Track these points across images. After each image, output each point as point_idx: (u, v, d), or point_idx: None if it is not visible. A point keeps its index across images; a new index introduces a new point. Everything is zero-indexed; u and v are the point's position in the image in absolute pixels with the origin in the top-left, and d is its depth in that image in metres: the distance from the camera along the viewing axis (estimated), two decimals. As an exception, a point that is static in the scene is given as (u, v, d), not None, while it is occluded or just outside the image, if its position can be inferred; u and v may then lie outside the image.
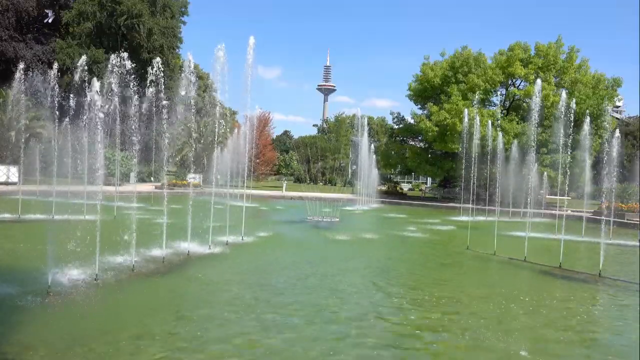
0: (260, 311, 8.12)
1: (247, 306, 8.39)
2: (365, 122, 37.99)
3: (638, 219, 24.71)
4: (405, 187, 60.19)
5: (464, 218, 23.47)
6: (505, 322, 8.24)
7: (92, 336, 6.62)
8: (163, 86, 12.34)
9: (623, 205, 26.86)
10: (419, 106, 42.55)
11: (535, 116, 15.72)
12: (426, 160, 41.86)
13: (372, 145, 38.05)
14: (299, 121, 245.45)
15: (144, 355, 6.12)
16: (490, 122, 30.61)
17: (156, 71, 12.01)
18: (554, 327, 8.02)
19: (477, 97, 32.73)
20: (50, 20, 46.95)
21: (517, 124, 35.76)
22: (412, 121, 42.78)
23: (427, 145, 42.68)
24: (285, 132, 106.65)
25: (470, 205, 20.92)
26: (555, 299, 9.98)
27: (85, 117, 10.69)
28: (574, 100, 20.89)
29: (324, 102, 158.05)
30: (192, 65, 13.76)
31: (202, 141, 45.37)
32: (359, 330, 7.40)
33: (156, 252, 11.71)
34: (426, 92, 40.62)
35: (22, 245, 13.02)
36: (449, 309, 8.78)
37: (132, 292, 8.97)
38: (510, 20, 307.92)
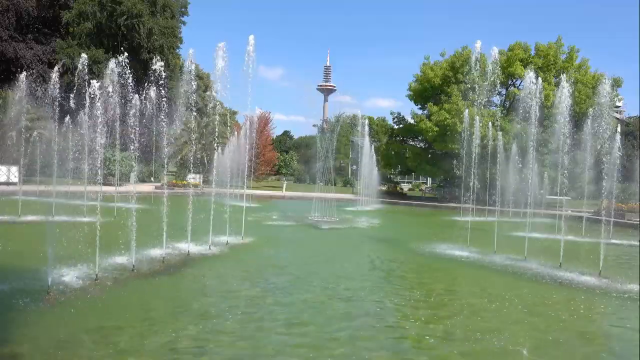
0: (260, 310, 8.13)
1: (246, 306, 8.39)
2: (366, 123, 37.95)
3: (638, 219, 24.70)
4: (406, 187, 60.15)
5: (467, 218, 23.43)
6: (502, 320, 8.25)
7: (92, 336, 6.63)
8: (163, 86, 12.32)
9: (623, 205, 26.85)
10: (419, 106, 42.52)
11: (534, 116, 15.72)
12: (426, 160, 41.82)
13: (372, 146, 38.02)
14: (300, 121, 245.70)
15: (144, 355, 6.13)
16: (490, 122, 30.58)
17: (156, 71, 11.98)
18: (554, 326, 8.03)
19: (477, 96, 32.67)
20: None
21: (518, 124, 35.74)
22: (412, 121, 42.72)
23: (427, 145, 42.64)
24: (285, 132, 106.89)
25: (470, 205, 20.91)
26: (554, 298, 9.98)
27: (85, 117, 10.70)
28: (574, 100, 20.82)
29: (324, 102, 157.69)
30: (193, 66, 13.75)
31: (202, 141, 45.32)
32: (362, 328, 7.41)
33: (156, 252, 11.71)
34: (426, 92, 40.60)
35: (22, 245, 13.02)
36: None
37: (132, 292, 8.97)
38: (510, 20, 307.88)
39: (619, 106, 75.64)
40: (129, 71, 11.47)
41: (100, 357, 6.00)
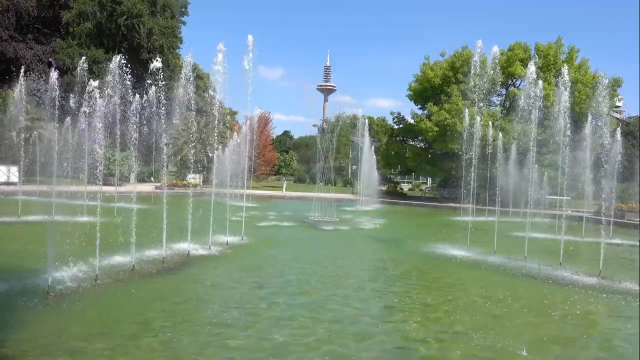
0: (259, 310, 8.14)
1: (246, 306, 8.40)
2: (366, 123, 37.95)
3: (638, 219, 24.71)
4: (406, 187, 60.13)
5: (467, 218, 23.45)
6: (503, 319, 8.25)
7: (92, 336, 6.63)
8: (163, 86, 12.32)
9: (623, 205, 26.85)
10: (419, 106, 42.52)
11: (534, 116, 15.72)
12: (426, 160, 41.82)
13: (372, 146, 38.03)
14: (300, 121, 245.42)
15: (144, 355, 6.13)
16: (490, 122, 30.57)
17: (156, 71, 11.97)
18: (553, 326, 8.03)
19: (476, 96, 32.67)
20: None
21: (517, 123, 35.75)
22: (412, 121, 42.72)
23: (427, 145, 42.63)
24: (285, 132, 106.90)
25: (470, 205, 20.92)
26: (554, 298, 9.98)
27: (85, 117, 10.70)
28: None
29: (324, 102, 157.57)
30: (192, 66, 13.74)
31: (201, 141, 45.33)
32: (360, 331, 7.42)
33: (156, 252, 11.71)
34: (426, 92, 40.61)
35: (22, 245, 13.02)
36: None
37: (132, 292, 8.97)
38: (510, 20, 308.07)
39: (619, 106, 75.64)
40: (129, 71, 11.47)
41: (99, 357, 6.00)
